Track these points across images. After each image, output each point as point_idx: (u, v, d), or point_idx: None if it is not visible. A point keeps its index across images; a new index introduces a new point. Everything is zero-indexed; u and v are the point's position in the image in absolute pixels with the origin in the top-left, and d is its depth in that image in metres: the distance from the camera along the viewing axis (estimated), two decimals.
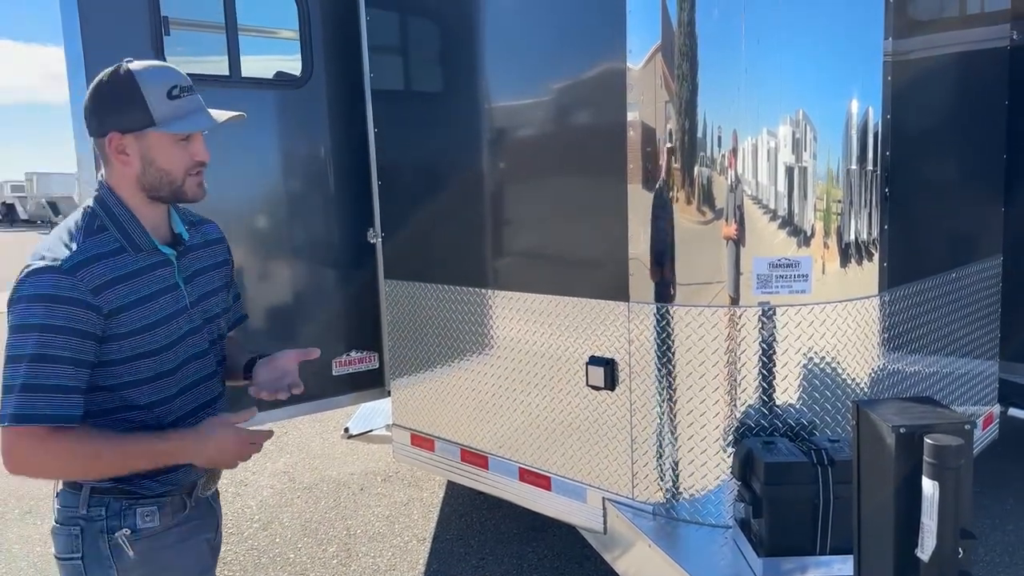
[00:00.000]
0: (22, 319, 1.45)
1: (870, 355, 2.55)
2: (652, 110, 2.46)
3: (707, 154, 2.43)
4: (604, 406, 2.74)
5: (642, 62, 2.45)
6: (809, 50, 2.42)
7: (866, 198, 2.51)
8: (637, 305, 2.59)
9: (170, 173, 1.62)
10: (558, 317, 2.85)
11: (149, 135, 1.59)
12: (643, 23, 2.44)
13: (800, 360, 2.45)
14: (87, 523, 1.63)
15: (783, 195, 2.43)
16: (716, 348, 2.47)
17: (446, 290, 3.31)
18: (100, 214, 1.61)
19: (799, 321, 2.43)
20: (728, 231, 2.45)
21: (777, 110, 2.41)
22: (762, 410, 2.47)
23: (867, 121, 2.49)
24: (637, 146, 2.52)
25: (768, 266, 2.40)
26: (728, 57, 2.37)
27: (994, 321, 3.65)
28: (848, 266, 2.51)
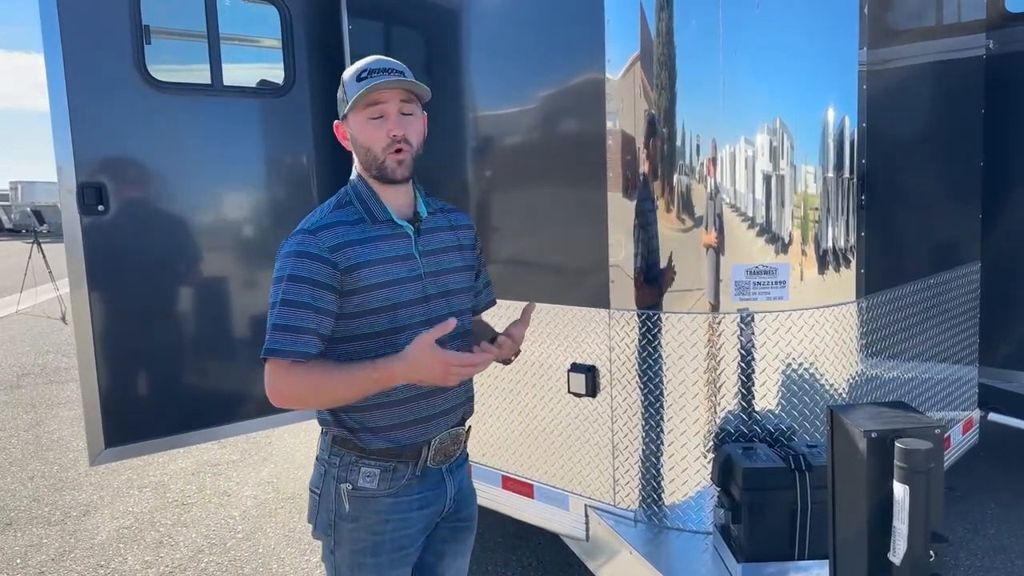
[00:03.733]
0: (278, 272, 1.69)
1: (848, 361, 2.57)
2: (632, 119, 2.48)
3: (686, 162, 2.45)
4: (586, 413, 2.75)
5: (621, 71, 2.48)
6: (786, 60, 2.45)
7: (843, 205, 2.54)
8: (618, 312, 2.60)
9: (370, 151, 1.75)
10: (540, 324, 2.86)
11: (349, 118, 1.77)
12: (622, 33, 2.47)
13: (778, 366, 2.47)
14: (327, 467, 1.81)
15: (761, 203, 2.45)
16: (696, 355, 2.49)
17: None
18: (349, 192, 1.80)
19: (777, 327, 2.44)
20: (707, 239, 2.46)
21: (755, 119, 2.44)
22: (741, 416, 2.48)
23: (843, 129, 2.53)
24: (617, 155, 2.53)
25: (746, 273, 2.42)
26: (706, 67, 2.40)
27: (973, 327, 3.68)
28: (826, 273, 2.53)
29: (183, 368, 3.41)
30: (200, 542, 4.13)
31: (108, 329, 3.18)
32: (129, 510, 4.58)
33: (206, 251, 3.44)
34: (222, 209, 3.50)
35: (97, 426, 3.19)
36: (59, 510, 4.60)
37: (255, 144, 3.54)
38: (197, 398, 3.44)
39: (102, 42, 3.12)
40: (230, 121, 3.42)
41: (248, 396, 3.57)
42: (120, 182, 3.20)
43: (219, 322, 3.50)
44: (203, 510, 4.56)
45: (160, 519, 4.45)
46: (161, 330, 3.36)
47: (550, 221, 2.84)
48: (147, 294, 3.32)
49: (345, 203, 1.77)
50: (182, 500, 4.72)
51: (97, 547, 4.10)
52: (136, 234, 3.26)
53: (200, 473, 5.17)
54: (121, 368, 3.24)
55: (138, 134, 3.24)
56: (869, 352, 2.69)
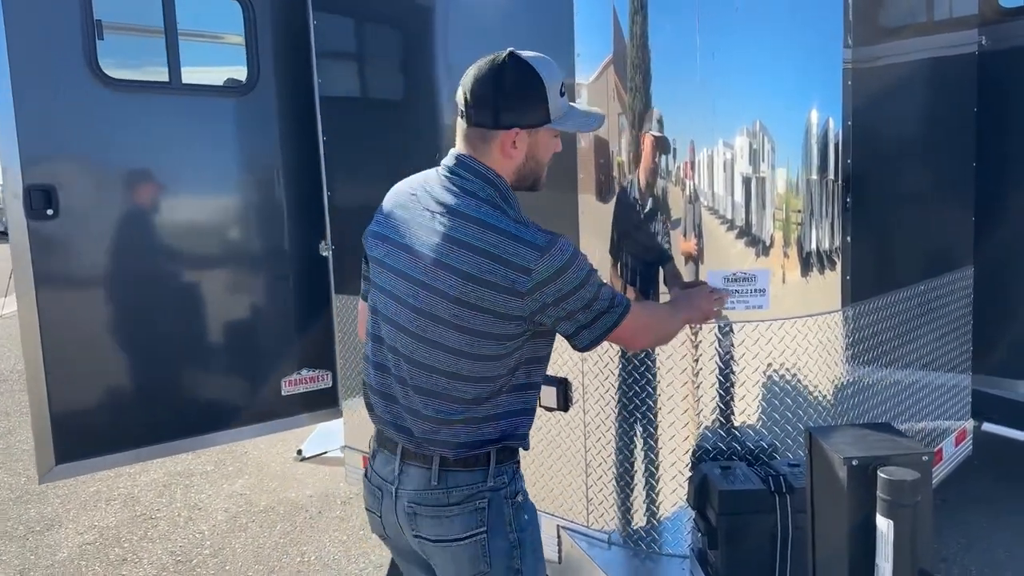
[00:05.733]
0: (584, 267, 1.61)
1: (833, 373, 2.43)
2: (605, 123, 2.35)
3: (662, 166, 2.31)
4: (558, 428, 2.60)
5: (593, 75, 2.35)
6: (767, 62, 2.32)
7: (827, 209, 2.39)
8: None
9: (543, 166, 1.73)
10: None
11: (540, 131, 1.67)
12: (593, 37, 2.36)
13: (759, 379, 2.32)
14: (493, 493, 1.69)
15: (740, 207, 2.31)
16: (671, 367, 2.34)
17: None
18: (512, 197, 1.69)
19: (756, 338, 2.30)
20: (683, 245, 2.32)
21: (734, 122, 2.30)
22: (720, 433, 2.34)
23: (827, 131, 2.38)
24: (589, 158, 2.40)
25: (723, 280, 2.27)
26: (682, 70, 2.28)
27: (966, 334, 3.54)
28: (809, 280, 2.39)
29: (140, 380, 3.25)
30: (165, 559, 3.97)
31: (58, 339, 3.02)
32: (94, 524, 4.41)
33: (165, 257, 3.28)
34: (182, 213, 3.34)
35: (47, 441, 3.04)
36: (22, 524, 4.43)
37: (217, 144, 3.39)
38: (155, 411, 3.28)
39: (50, 37, 2.96)
40: (190, 121, 3.27)
41: (211, 408, 3.42)
42: (71, 185, 3.04)
43: (179, 330, 3.34)
44: (171, 524, 4.39)
45: (126, 534, 4.28)
46: (116, 340, 3.21)
47: None
48: (100, 302, 3.17)
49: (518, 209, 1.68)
50: (151, 513, 4.56)
51: (57, 565, 3.94)
52: (88, 239, 3.10)
53: (171, 485, 5.00)
54: (72, 380, 3.08)
55: (90, 134, 3.08)
56: (856, 363, 2.55)
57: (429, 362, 1.64)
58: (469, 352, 1.60)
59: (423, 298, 1.61)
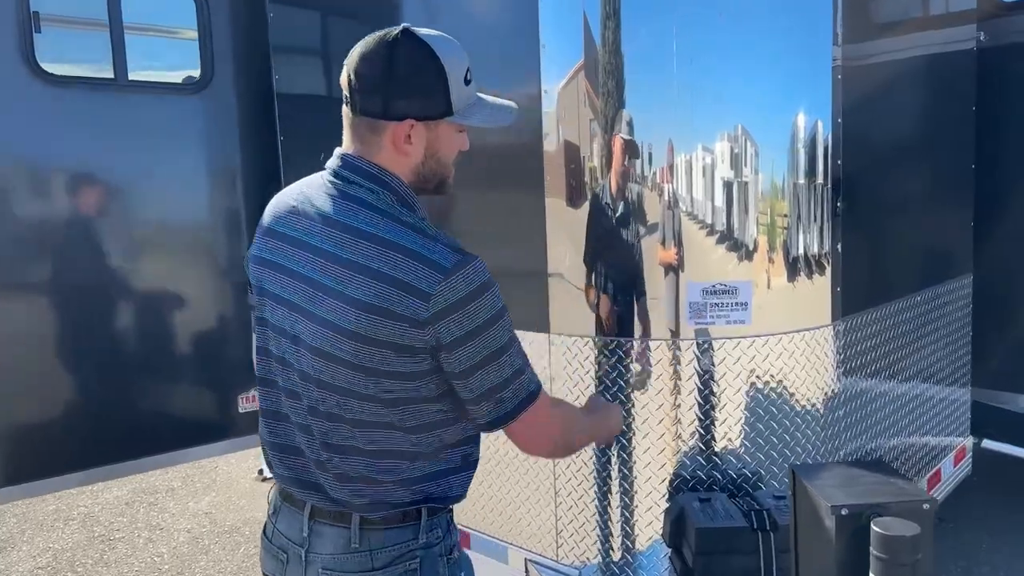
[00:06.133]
0: (496, 303, 1.34)
1: (823, 394, 2.23)
2: (575, 128, 2.17)
3: (637, 172, 2.12)
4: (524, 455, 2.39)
5: (563, 80, 2.17)
6: (750, 66, 2.14)
7: (816, 215, 2.19)
8: (558, 338, 2.25)
9: (446, 165, 1.45)
10: None
11: (441, 124, 1.39)
12: (561, 42, 2.19)
13: (741, 401, 2.12)
14: (426, 551, 1.42)
15: (721, 214, 2.11)
16: (645, 388, 2.14)
17: None
18: (409, 198, 1.40)
19: (739, 356, 2.10)
20: (661, 253, 2.12)
21: (714, 126, 2.12)
22: (699, 460, 2.13)
23: (816, 133, 2.19)
24: (559, 163, 2.21)
25: (701, 293, 2.07)
26: (658, 76, 2.12)
27: (965, 346, 3.35)
28: (796, 292, 2.18)
29: (88, 397, 3.04)
30: None
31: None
32: (50, 546, 4.19)
33: (112, 264, 3.07)
34: (130, 218, 3.13)
35: None
36: None
37: (169, 145, 3.17)
38: (104, 431, 3.07)
39: None
40: (138, 119, 3.05)
41: (163, 426, 3.20)
42: (6, 187, 2.83)
43: (128, 344, 3.12)
44: (130, 546, 4.16)
45: (81, 557, 4.06)
46: (61, 355, 2.99)
47: (484, 235, 2.50)
48: (43, 315, 2.95)
49: (421, 216, 1.40)
50: (109, 534, 4.33)
51: None
52: (27, 244, 2.89)
53: (134, 503, 4.77)
54: (16, 399, 2.87)
55: (27, 133, 2.87)
56: (847, 382, 2.35)
57: (336, 410, 1.35)
58: (380, 397, 1.32)
59: (317, 335, 1.33)
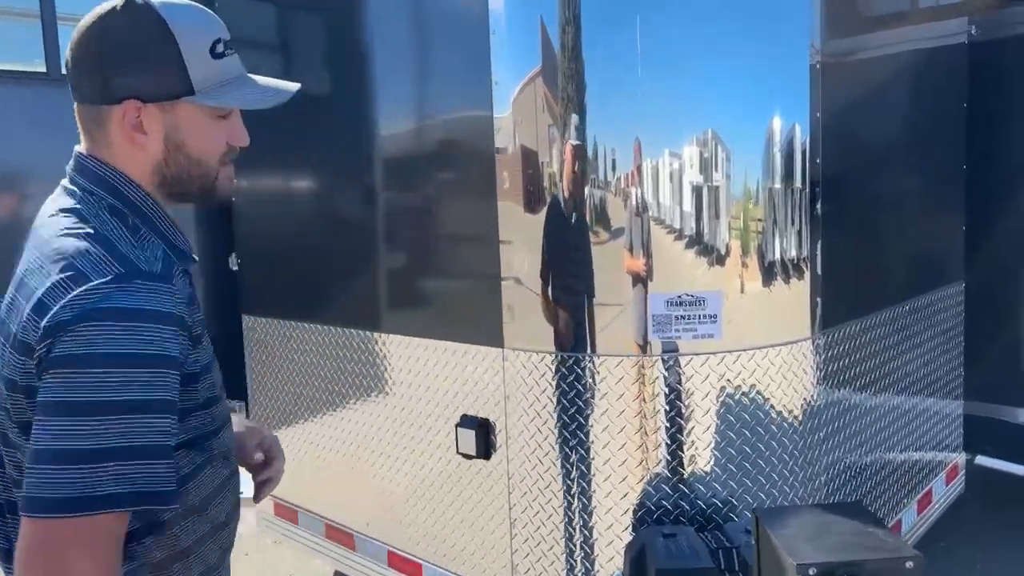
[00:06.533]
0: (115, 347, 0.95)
1: (802, 414, 2.04)
2: (533, 133, 1.99)
3: (599, 177, 1.94)
4: (479, 479, 2.20)
5: (519, 86, 2.01)
6: (720, 69, 1.97)
7: (792, 221, 2.00)
8: (513, 353, 2.06)
9: (203, 163, 1.16)
10: (427, 365, 2.31)
11: (181, 106, 1.12)
12: (517, 48, 2.02)
13: (711, 424, 1.92)
14: None
15: (688, 220, 1.92)
16: (605, 408, 1.94)
17: (306, 330, 2.75)
18: (124, 210, 1.11)
19: (707, 373, 1.90)
20: (622, 264, 1.93)
21: (682, 131, 1.93)
22: (665, 489, 1.94)
23: (793, 136, 2.00)
24: (514, 173, 2.03)
25: (666, 304, 1.88)
26: (622, 82, 1.94)
27: (957, 357, 3.17)
28: (771, 304, 2.00)
29: None
30: None
31: None
32: None
33: None
34: None
35: None
36: None
37: None
38: None
39: None
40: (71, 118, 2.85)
41: None
42: None
43: None
44: None
45: None
46: None
47: (436, 244, 2.31)
48: None
49: (133, 228, 1.10)
50: None
51: None
52: None
53: None
54: None
55: None
56: (829, 401, 2.16)
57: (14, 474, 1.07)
58: None
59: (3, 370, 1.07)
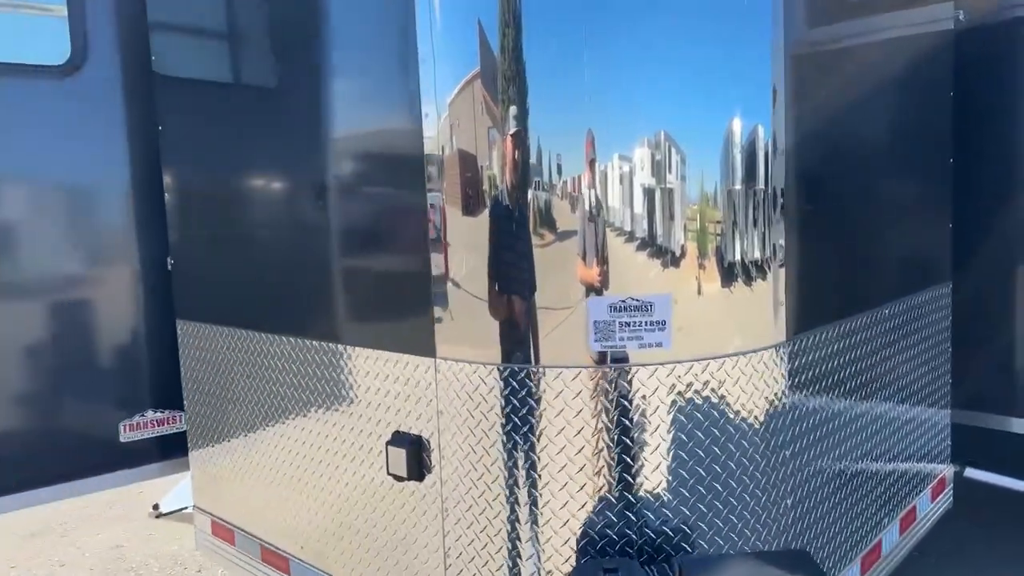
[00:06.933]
0: None
1: (766, 431, 1.83)
2: (472, 136, 1.80)
3: (543, 179, 1.74)
4: (412, 503, 1.99)
5: (456, 89, 1.82)
6: (674, 66, 1.77)
7: (755, 221, 1.80)
8: (446, 363, 1.86)
9: None
10: (358, 376, 2.11)
11: None
12: (452, 51, 1.86)
13: (659, 443, 1.72)
14: None
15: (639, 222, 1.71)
16: (545, 426, 1.74)
17: (239, 336, 2.54)
18: None
19: (656, 386, 1.70)
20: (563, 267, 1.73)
21: (632, 133, 1.73)
22: (610, 516, 1.73)
23: (755, 134, 1.80)
24: (451, 175, 1.83)
25: (608, 309, 1.67)
26: (568, 84, 1.76)
27: (944, 362, 2.97)
28: (730, 308, 1.79)
29: None
30: None
31: None
32: None
33: None
34: None
35: None
36: None
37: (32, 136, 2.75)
38: None
39: None
40: None
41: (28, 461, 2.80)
42: None
43: None
44: None
45: None
46: None
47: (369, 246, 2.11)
48: None
49: None
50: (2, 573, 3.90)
51: None
52: None
53: (42, 533, 4.35)
54: None
55: None
56: (798, 415, 1.95)
57: None
58: None
59: None
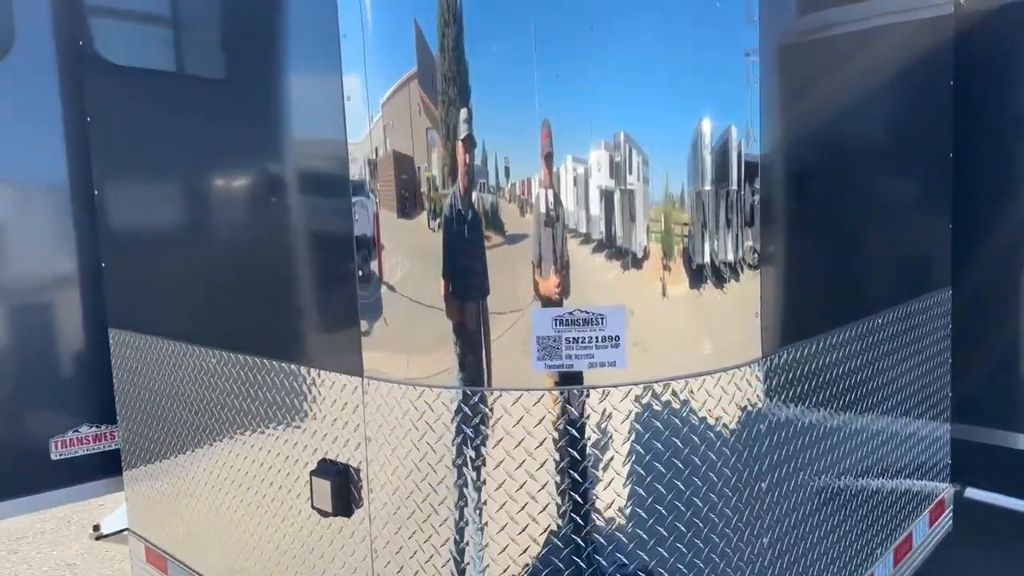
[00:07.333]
0: None
1: (738, 459, 1.60)
2: (408, 138, 1.59)
3: (491, 183, 1.52)
4: (339, 541, 1.76)
5: (390, 90, 1.62)
6: (634, 61, 1.56)
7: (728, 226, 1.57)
8: (374, 384, 1.63)
9: None
10: (285, 395, 1.88)
11: None
12: (384, 51, 1.67)
13: (612, 478, 1.49)
14: None
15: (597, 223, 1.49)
16: (483, 457, 1.51)
17: (169, 348, 2.32)
18: None
19: (609, 412, 1.47)
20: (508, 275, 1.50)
21: (587, 133, 1.52)
22: (556, 563, 1.50)
23: (728, 133, 1.59)
24: (385, 178, 1.63)
25: (553, 324, 1.45)
26: (514, 82, 1.55)
27: (944, 375, 2.74)
28: (699, 320, 1.57)
29: None
30: None
31: None
32: None
33: None
34: None
35: None
36: None
37: None
38: None
39: None
40: None
41: None
42: None
43: None
44: None
45: None
46: None
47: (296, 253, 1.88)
48: None
49: None
50: None
51: None
52: None
53: None
54: None
55: None
56: (778, 439, 1.73)
57: None
58: None
59: None
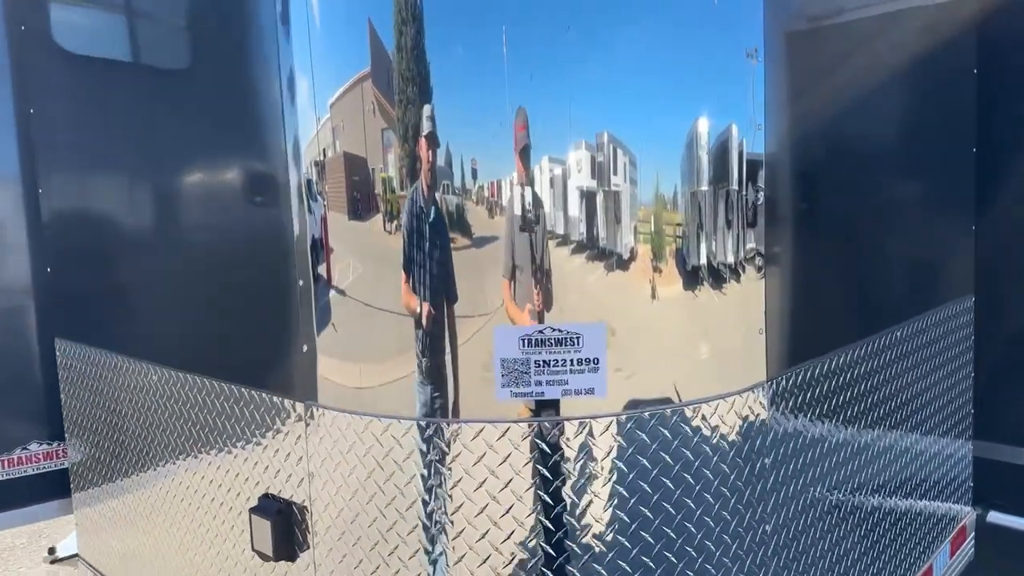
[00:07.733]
0: None
1: (738, 499, 1.38)
2: (360, 139, 1.40)
3: (452, 183, 1.33)
4: None
5: (340, 90, 1.43)
6: (619, 57, 1.36)
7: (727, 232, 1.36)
8: (319, 411, 1.42)
9: None
10: (226, 419, 1.67)
11: None
12: (337, 50, 1.50)
13: (590, 524, 1.27)
14: None
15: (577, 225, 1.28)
16: (443, 499, 1.30)
17: (113, 362, 2.12)
18: None
19: (587, 448, 1.25)
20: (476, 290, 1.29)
21: (562, 135, 1.31)
22: None
23: (728, 132, 1.38)
24: (335, 181, 1.45)
25: (520, 344, 1.23)
26: (482, 85, 1.38)
27: (966, 390, 2.51)
28: (693, 340, 1.35)
29: None
30: None
31: None
32: None
33: None
34: None
35: None
36: None
37: None
38: None
39: None
40: None
41: None
42: None
43: None
44: None
45: None
46: None
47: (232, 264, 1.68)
48: None
49: None
50: None
51: None
52: None
53: None
54: None
55: None
56: (783, 476, 1.50)
57: None
58: None
59: None
